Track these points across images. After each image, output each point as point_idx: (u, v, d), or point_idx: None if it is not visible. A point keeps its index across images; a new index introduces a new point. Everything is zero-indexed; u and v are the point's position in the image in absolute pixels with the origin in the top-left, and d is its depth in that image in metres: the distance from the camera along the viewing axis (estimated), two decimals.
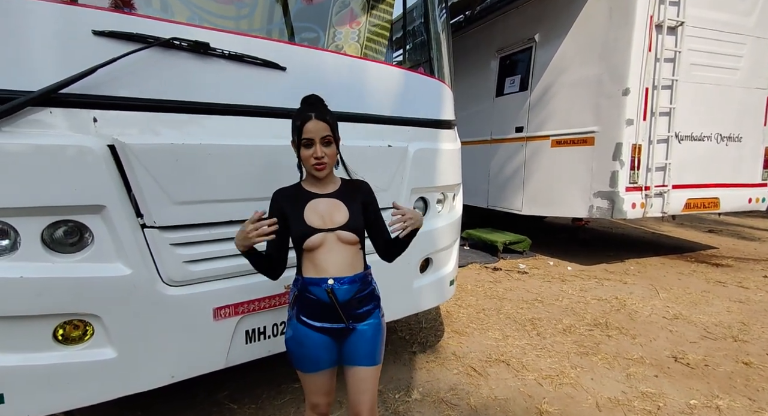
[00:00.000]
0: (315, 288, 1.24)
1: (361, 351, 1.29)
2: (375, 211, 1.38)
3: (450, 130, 2.42)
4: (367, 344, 1.29)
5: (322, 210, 1.27)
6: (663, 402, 2.14)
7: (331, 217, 1.26)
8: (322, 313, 1.25)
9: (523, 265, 4.92)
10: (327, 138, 1.23)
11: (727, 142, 4.81)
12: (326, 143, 1.24)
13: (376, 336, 1.32)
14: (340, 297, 1.23)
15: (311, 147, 1.22)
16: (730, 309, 3.47)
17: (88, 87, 1.29)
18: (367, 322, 1.30)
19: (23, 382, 1.30)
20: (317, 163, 1.23)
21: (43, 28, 1.25)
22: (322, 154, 1.22)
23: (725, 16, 4.53)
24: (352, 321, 1.27)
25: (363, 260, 1.34)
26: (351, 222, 1.27)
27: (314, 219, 1.25)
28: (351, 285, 1.25)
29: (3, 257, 1.25)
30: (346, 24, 2.09)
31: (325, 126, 1.23)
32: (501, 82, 5.82)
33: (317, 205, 1.27)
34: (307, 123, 1.22)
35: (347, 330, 1.28)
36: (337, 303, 1.23)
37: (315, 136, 1.21)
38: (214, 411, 2.07)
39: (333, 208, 1.28)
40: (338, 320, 1.25)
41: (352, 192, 1.34)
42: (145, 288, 1.44)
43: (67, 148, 1.27)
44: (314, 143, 1.22)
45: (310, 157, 1.23)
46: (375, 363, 1.31)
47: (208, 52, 1.48)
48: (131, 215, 1.40)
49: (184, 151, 1.44)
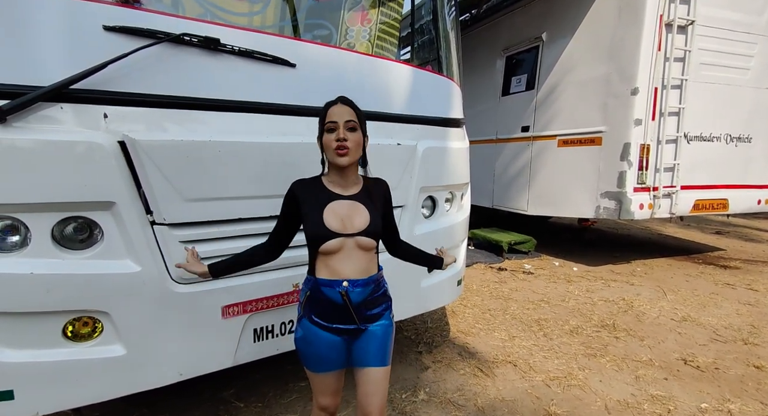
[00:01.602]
0: (328, 289, 1.21)
1: (371, 352, 1.27)
2: (389, 212, 1.37)
3: (459, 128, 2.40)
4: (378, 345, 1.28)
5: (342, 213, 1.22)
6: (673, 405, 2.12)
7: (352, 222, 1.21)
8: (335, 314, 1.23)
9: (529, 266, 4.89)
10: (351, 122, 1.18)
11: (737, 142, 4.76)
12: (350, 129, 1.18)
13: (387, 337, 1.31)
14: (354, 299, 1.21)
15: (334, 130, 1.17)
16: (739, 312, 3.43)
17: (99, 83, 1.29)
18: (378, 323, 1.29)
19: (33, 378, 1.30)
20: (339, 146, 1.16)
21: (54, 23, 1.25)
22: (345, 136, 1.16)
23: (736, 15, 4.48)
24: (364, 322, 1.26)
25: (377, 262, 1.33)
26: (371, 227, 1.23)
27: (334, 222, 1.20)
28: (365, 287, 1.24)
29: (13, 253, 1.25)
30: (358, 21, 2.07)
31: (350, 110, 1.20)
32: (507, 81, 5.78)
33: (337, 208, 1.22)
34: (332, 107, 1.20)
35: (358, 331, 1.26)
36: (350, 305, 1.21)
37: (339, 119, 1.18)
38: (221, 409, 2.07)
39: (354, 211, 1.23)
40: (350, 321, 1.24)
41: (373, 193, 1.30)
42: (154, 286, 1.43)
43: (78, 144, 1.26)
44: (338, 126, 1.17)
45: (332, 141, 1.17)
46: (385, 363, 1.30)
47: (218, 48, 1.47)
48: (141, 212, 1.39)
49: (194, 148, 1.43)
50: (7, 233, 1.25)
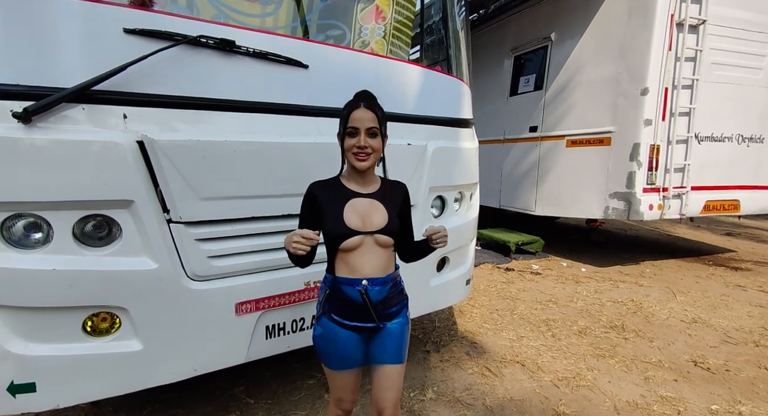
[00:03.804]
0: (348, 288, 1.22)
1: (389, 350, 1.28)
2: (407, 213, 1.37)
3: (468, 128, 2.41)
4: (395, 343, 1.29)
5: (361, 211, 1.23)
6: (683, 406, 2.11)
7: (371, 220, 1.23)
8: (354, 312, 1.24)
9: (536, 266, 4.88)
10: (373, 129, 1.19)
11: (749, 143, 4.71)
12: (371, 135, 1.19)
13: (403, 335, 1.32)
14: (374, 297, 1.22)
15: (356, 136, 1.18)
16: (750, 314, 3.40)
17: (119, 84, 1.32)
18: (395, 321, 1.30)
19: (54, 372, 1.34)
20: (359, 152, 1.18)
21: (75, 27, 1.28)
22: (366, 144, 1.18)
23: (748, 14, 4.43)
24: (383, 320, 1.27)
25: (395, 260, 1.34)
26: (389, 225, 1.24)
27: (353, 220, 1.21)
28: (383, 286, 1.25)
29: (37, 249, 1.29)
30: (372, 19, 2.09)
31: (373, 116, 1.20)
32: (515, 81, 5.76)
33: (357, 205, 1.24)
34: (355, 111, 1.19)
35: (376, 329, 1.28)
36: (370, 303, 1.22)
37: (361, 125, 1.18)
38: (231, 405, 2.10)
39: (372, 209, 1.25)
40: (369, 319, 1.25)
41: (391, 193, 1.31)
42: (170, 283, 1.46)
43: (98, 144, 1.30)
44: (359, 132, 1.18)
45: (353, 146, 1.19)
46: (401, 361, 1.32)
47: (234, 49, 1.50)
48: (158, 210, 1.42)
49: (210, 148, 1.46)
50: (31, 230, 1.28)
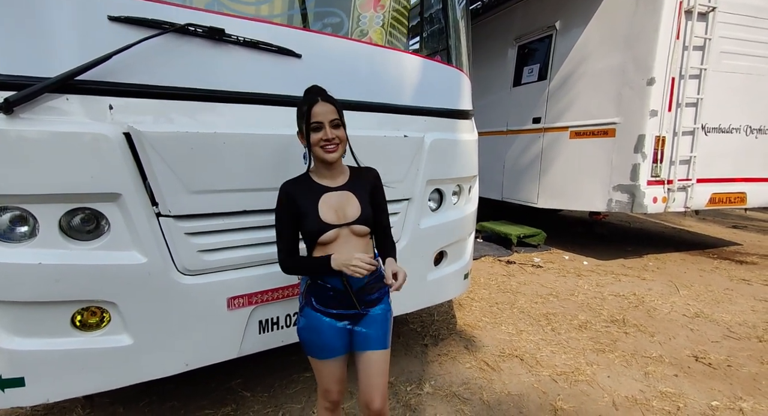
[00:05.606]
0: (328, 276, 1.25)
1: (373, 335, 1.31)
2: (379, 199, 1.37)
3: (467, 120, 2.36)
4: (379, 329, 1.32)
5: (335, 205, 1.27)
6: (683, 402, 2.09)
7: (344, 212, 1.26)
8: (336, 300, 1.27)
9: (538, 259, 4.85)
10: (335, 121, 1.23)
11: (757, 134, 4.60)
12: (335, 126, 1.23)
13: (387, 321, 1.35)
14: (354, 284, 1.26)
15: (321, 129, 1.21)
16: (754, 309, 3.35)
17: (104, 74, 1.28)
18: (378, 307, 1.33)
19: (43, 366, 1.33)
20: (327, 144, 1.22)
21: (59, 14, 1.24)
22: (333, 135, 1.21)
23: (760, 1, 4.30)
24: (365, 306, 1.30)
25: (372, 247, 1.36)
26: (363, 214, 1.28)
27: (328, 215, 1.25)
28: None
29: (22, 243, 1.27)
30: (371, 7, 2.03)
31: (333, 108, 1.23)
32: (519, 71, 5.66)
33: (330, 200, 1.27)
34: (315, 106, 1.22)
35: (359, 316, 1.31)
36: (351, 290, 1.26)
37: (324, 118, 1.21)
38: (228, 398, 2.10)
39: (345, 201, 1.28)
40: (352, 306, 1.28)
41: (361, 181, 1.34)
42: (160, 277, 1.44)
43: (84, 136, 1.26)
44: (324, 125, 1.21)
45: (320, 140, 1.21)
46: (386, 346, 1.34)
47: (223, 38, 1.45)
48: (146, 204, 1.39)
49: (199, 140, 1.42)
50: (16, 224, 1.26)
